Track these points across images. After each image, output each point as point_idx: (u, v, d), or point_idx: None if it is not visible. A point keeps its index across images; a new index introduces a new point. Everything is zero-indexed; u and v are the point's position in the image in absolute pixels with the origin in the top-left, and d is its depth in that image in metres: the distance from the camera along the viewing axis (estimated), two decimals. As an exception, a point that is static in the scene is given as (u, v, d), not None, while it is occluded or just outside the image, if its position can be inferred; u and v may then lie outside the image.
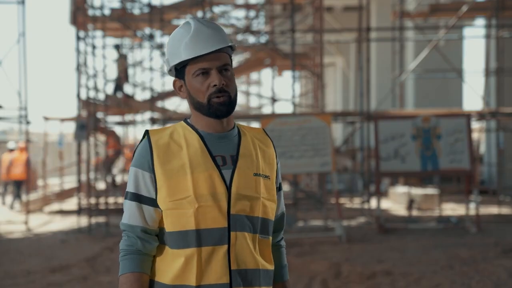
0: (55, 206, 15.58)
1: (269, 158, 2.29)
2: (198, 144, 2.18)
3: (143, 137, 2.23)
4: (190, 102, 2.22)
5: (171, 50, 2.22)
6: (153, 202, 2.17)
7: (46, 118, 15.98)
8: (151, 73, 15.32)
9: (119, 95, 15.22)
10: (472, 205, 11.81)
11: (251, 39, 15.75)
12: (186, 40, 2.17)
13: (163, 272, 2.17)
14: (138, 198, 2.18)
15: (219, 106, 2.16)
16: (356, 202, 15.12)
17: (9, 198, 17.36)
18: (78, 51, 12.39)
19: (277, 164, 2.32)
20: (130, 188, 2.20)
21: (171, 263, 2.15)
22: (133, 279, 2.15)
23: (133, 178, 2.19)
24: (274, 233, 2.36)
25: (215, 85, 2.15)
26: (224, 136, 2.22)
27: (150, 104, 13.81)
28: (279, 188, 2.34)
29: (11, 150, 16.16)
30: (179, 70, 2.22)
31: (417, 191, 13.94)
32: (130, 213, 2.19)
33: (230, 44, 2.21)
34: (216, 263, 2.11)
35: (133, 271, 2.15)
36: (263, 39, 15.60)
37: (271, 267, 2.25)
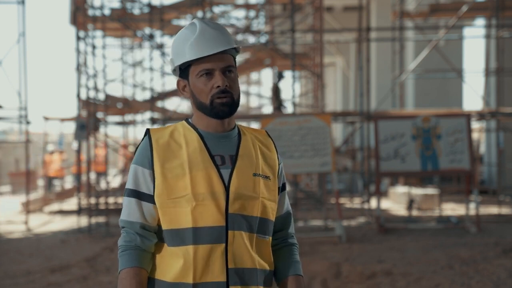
0: (55, 206, 15.59)
1: (270, 159, 2.29)
2: (197, 143, 2.20)
3: (144, 135, 2.24)
4: (193, 102, 2.23)
5: (176, 50, 2.23)
6: (152, 199, 2.18)
7: (46, 118, 16.00)
8: (151, 73, 15.32)
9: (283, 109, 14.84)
10: (472, 205, 11.81)
11: (251, 39, 15.75)
12: (191, 40, 2.17)
13: (163, 269, 2.18)
14: (137, 194, 2.19)
15: (221, 106, 2.17)
16: (356, 202, 15.12)
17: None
18: (78, 51, 12.39)
19: (279, 165, 2.33)
20: (129, 185, 2.21)
21: (170, 261, 2.16)
22: (132, 273, 2.15)
23: (133, 175, 2.21)
24: (279, 232, 2.36)
25: (218, 86, 2.16)
26: (224, 136, 2.23)
27: (150, 104, 13.82)
28: (282, 188, 2.34)
29: None
30: (183, 70, 2.22)
31: (417, 191, 13.93)
32: (130, 210, 2.20)
33: (235, 46, 2.22)
34: (214, 262, 2.12)
35: (132, 266, 2.16)
36: (263, 39, 15.60)
37: (270, 267, 2.24)
